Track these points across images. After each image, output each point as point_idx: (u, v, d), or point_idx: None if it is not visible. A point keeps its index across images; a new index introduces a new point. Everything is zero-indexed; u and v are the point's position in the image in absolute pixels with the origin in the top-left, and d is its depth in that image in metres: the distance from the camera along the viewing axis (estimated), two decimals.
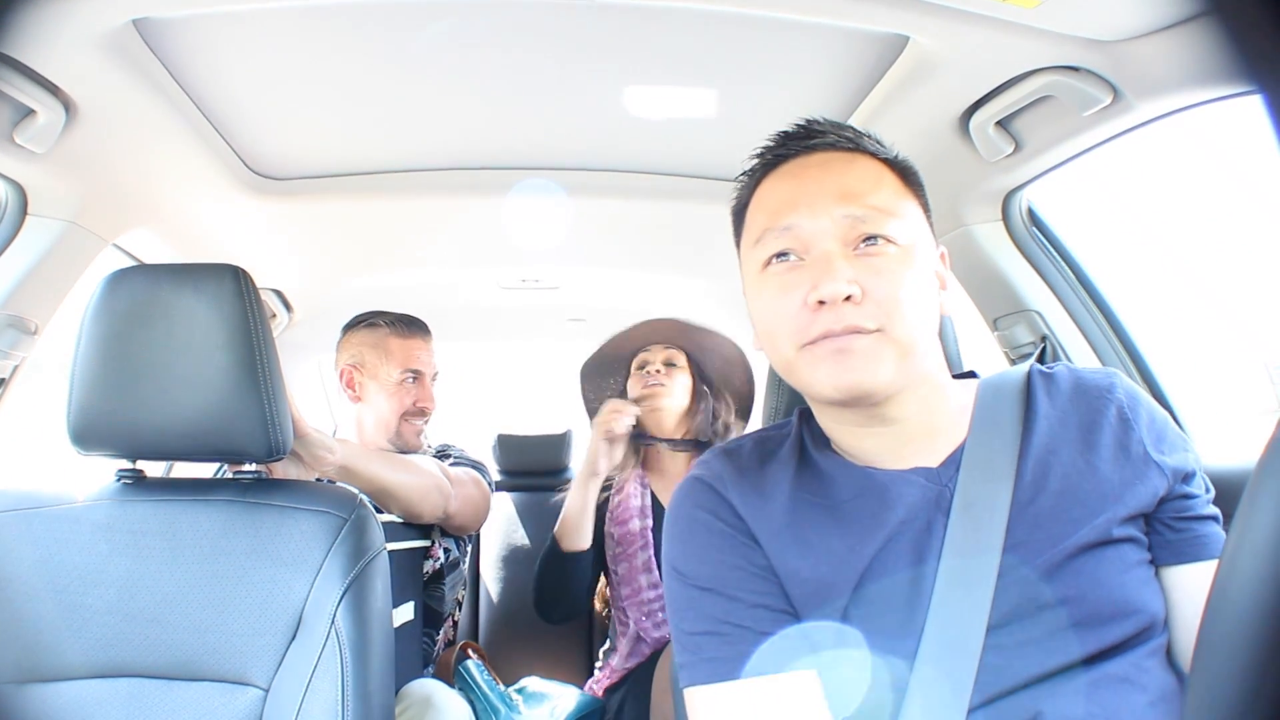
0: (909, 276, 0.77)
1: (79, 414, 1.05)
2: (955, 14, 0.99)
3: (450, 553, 1.74)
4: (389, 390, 1.76)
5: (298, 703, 0.99)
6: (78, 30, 1.00)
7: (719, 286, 2.20)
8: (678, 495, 0.88)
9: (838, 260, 0.75)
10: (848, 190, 0.79)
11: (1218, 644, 0.37)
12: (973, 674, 0.71)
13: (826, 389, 0.76)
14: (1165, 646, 0.74)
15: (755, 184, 0.87)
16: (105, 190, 1.35)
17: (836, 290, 0.74)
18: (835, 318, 0.74)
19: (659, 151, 1.55)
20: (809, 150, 0.84)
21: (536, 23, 1.14)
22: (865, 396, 0.76)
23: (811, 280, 0.76)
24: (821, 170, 0.82)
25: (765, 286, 0.81)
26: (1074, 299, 1.47)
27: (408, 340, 1.80)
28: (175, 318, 1.04)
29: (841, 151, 0.83)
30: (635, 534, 1.81)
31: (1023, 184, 1.39)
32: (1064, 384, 0.84)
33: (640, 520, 1.82)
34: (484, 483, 1.73)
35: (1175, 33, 0.96)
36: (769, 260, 0.80)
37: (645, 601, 1.77)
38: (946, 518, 0.77)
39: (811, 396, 0.82)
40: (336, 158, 1.54)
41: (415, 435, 1.78)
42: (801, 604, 0.79)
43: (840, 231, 0.77)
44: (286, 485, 1.12)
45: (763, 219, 0.82)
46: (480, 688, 1.60)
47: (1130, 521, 0.76)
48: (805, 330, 0.76)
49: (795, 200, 0.80)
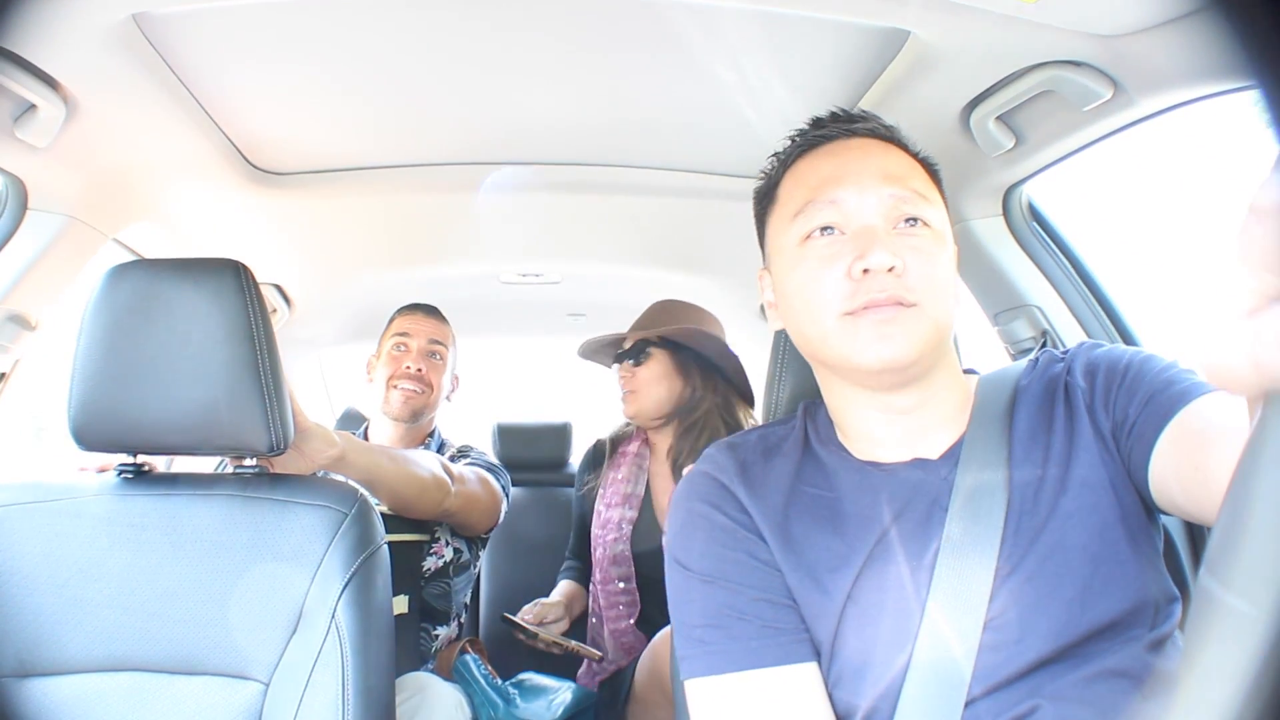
0: (944, 260, 0.79)
1: (80, 409, 1.05)
2: (956, 8, 0.99)
3: (461, 554, 1.74)
4: (384, 361, 1.84)
5: (299, 697, 0.99)
6: (78, 24, 0.99)
7: (718, 281, 2.20)
8: (681, 488, 0.89)
9: (881, 233, 0.77)
10: (890, 172, 0.81)
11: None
12: (971, 665, 0.72)
13: (866, 357, 0.76)
14: (1164, 639, 0.75)
15: (788, 164, 0.88)
16: (106, 185, 1.35)
17: (883, 260, 0.75)
18: (880, 285, 0.75)
19: (658, 146, 1.55)
20: (849, 134, 0.85)
21: (535, 18, 1.13)
22: (902, 368, 0.77)
23: (856, 251, 0.77)
24: (863, 152, 0.83)
25: (805, 258, 0.81)
26: (1074, 294, 1.47)
27: (406, 315, 1.89)
28: (176, 312, 1.04)
29: (879, 139, 0.85)
30: (613, 523, 1.81)
31: (1023, 179, 1.38)
32: (1040, 371, 0.85)
33: (621, 510, 1.81)
34: (494, 484, 1.71)
35: (1176, 27, 0.96)
36: (810, 234, 0.81)
37: (610, 593, 1.78)
38: (945, 511, 0.78)
39: (847, 367, 0.81)
40: (338, 152, 1.54)
41: (403, 403, 1.78)
42: (802, 596, 0.79)
43: (885, 209, 0.79)
44: (287, 480, 1.12)
45: (803, 193, 0.82)
46: (477, 681, 1.61)
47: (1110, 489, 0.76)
48: (849, 299, 0.77)
49: (840, 176, 0.81)
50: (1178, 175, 1.50)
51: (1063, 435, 0.79)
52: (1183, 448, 0.71)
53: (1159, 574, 0.77)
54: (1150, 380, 0.76)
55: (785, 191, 0.86)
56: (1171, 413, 0.73)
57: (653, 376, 1.83)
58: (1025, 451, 0.79)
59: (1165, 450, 0.72)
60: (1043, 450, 0.79)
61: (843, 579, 0.78)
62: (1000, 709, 0.71)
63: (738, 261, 2.07)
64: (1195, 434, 0.70)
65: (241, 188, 1.53)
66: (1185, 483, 0.70)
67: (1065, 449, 0.78)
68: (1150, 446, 0.73)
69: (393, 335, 1.86)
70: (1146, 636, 0.73)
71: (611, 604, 1.77)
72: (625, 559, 1.77)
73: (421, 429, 1.87)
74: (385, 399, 1.81)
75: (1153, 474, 0.73)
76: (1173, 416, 0.72)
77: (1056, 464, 0.78)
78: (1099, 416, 0.78)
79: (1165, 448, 0.72)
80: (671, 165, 1.62)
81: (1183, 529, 1.29)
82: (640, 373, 1.83)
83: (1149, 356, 0.80)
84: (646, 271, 2.19)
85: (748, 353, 2.56)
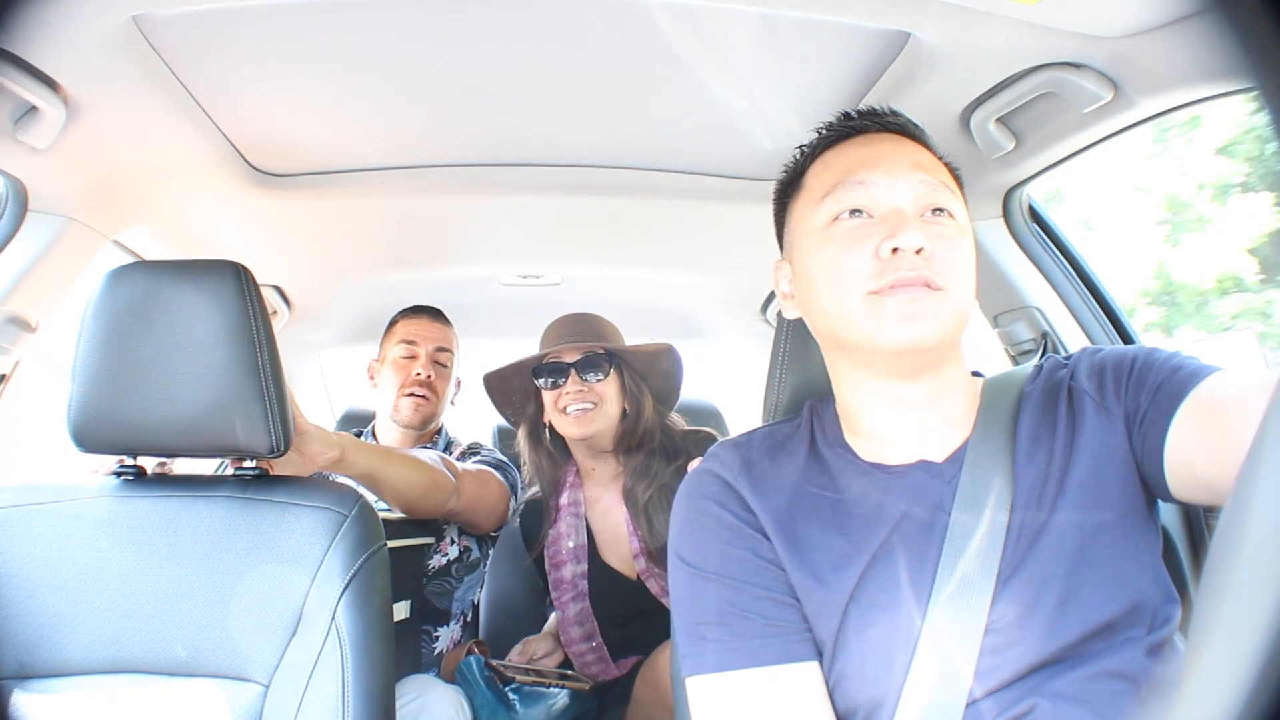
0: (968, 250, 0.81)
1: (80, 411, 1.05)
2: (956, 10, 0.99)
3: (470, 552, 1.74)
4: (391, 368, 1.83)
5: (298, 699, 0.99)
6: (79, 26, 1.00)
7: (718, 283, 2.20)
8: (686, 485, 0.89)
9: (911, 217, 0.78)
10: (920, 163, 0.82)
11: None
12: (972, 666, 0.72)
13: (889, 337, 0.77)
14: (1163, 642, 0.75)
15: (816, 154, 0.89)
16: (106, 186, 1.36)
17: (913, 240, 0.76)
18: (909, 264, 0.76)
19: (658, 148, 1.55)
20: (880, 129, 0.87)
21: (535, 21, 1.13)
22: (924, 351, 0.78)
23: (885, 232, 0.77)
24: (894, 145, 0.85)
25: (831, 239, 0.81)
26: (1074, 295, 1.47)
27: (409, 319, 1.89)
28: (176, 314, 1.04)
29: (908, 138, 0.87)
30: (566, 581, 1.73)
31: (1023, 180, 1.39)
32: (1044, 377, 0.86)
33: (572, 566, 1.73)
34: (501, 481, 1.70)
35: (1176, 29, 0.96)
36: (838, 215, 0.81)
37: (578, 654, 1.74)
38: (949, 514, 0.78)
39: (868, 348, 0.80)
40: (337, 154, 1.54)
41: (414, 410, 1.78)
42: (806, 596, 0.79)
43: (914, 195, 0.80)
44: (287, 481, 1.12)
45: (833, 176, 0.83)
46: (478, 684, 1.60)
47: (1120, 494, 0.76)
48: (876, 277, 0.77)
49: (872, 161, 0.82)
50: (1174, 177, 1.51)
51: (1064, 439, 0.79)
52: (1204, 418, 0.71)
53: (1158, 576, 0.77)
54: (1158, 369, 0.77)
55: (813, 177, 0.87)
56: (1184, 393, 0.74)
57: (611, 392, 1.72)
58: (1028, 456, 0.79)
59: (1184, 426, 0.73)
60: (1045, 454, 0.79)
61: (846, 578, 0.78)
62: (1000, 709, 0.71)
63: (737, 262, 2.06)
64: (1214, 403, 0.71)
65: (242, 189, 1.53)
66: (1210, 448, 0.70)
67: (1066, 452, 0.79)
68: (1165, 429, 0.74)
69: (398, 341, 1.85)
70: (1145, 638, 0.73)
71: (580, 658, 1.75)
72: (587, 615, 1.73)
73: (429, 430, 1.87)
74: (395, 407, 1.80)
75: (1169, 454, 0.74)
76: (1185, 395, 0.73)
77: (1057, 467, 0.78)
78: (1112, 413, 0.79)
79: (1184, 424, 0.73)
80: (671, 167, 1.63)
81: (1183, 531, 1.29)
82: (599, 387, 1.70)
83: (1152, 350, 0.81)
84: (647, 272, 2.19)
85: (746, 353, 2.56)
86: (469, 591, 1.77)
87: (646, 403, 1.74)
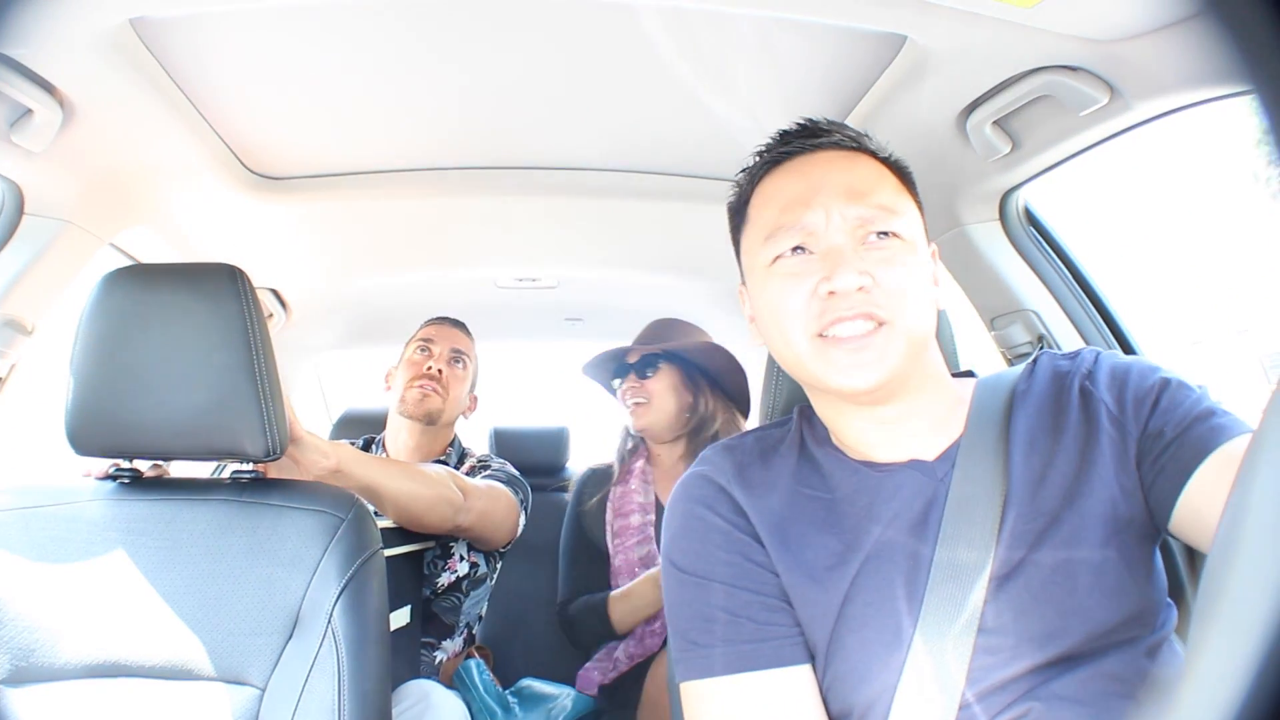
0: (915, 267, 0.79)
1: (76, 414, 1.05)
2: (953, 13, 0.99)
3: (478, 567, 1.73)
4: (405, 365, 1.86)
5: (294, 702, 0.98)
6: (75, 29, 0.99)
7: (715, 286, 2.20)
8: (678, 490, 0.89)
9: (848, 252, 0.77)
10: (854, 189, 0.80)
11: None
12: (965, 668, 0.72)
13: (840, 383, 0.77)
14: (1159, 645, 0.75)
15: (756, 180, 0.88)
16: (102, 189, 1.35)
17: (849, 282, 0.76)
18: (848, 305, 0.76)
19: (655, 151, 1.55)
20: (814, 149, 0.85)
21: (531, 23, 1.13)
22: (878, 389, 0.77)
23: (823, 271, 0.77)
24: (827, 168, 0.83)
25: (774, 277, 0.81)
26: (1070, 298, 1.47)
27: (432, 324, 1.93)
28: (172, 317, 1.04)
29: (845, 150, 0.85)
30: (634, 528, 1.82)
31: (1020, 183, 1.39)
32: (1042, 374, 0.85)
33: (640, 515, 1.83)
34: (512, 498, 1.68)
35: (1172, 32, 0.96)
36: (779, 255, 0.81)
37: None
38: (941, 512, 0.77)
39: (821, 389, 0.82)
40: (334, 157, 1.54)
41: (419, 399, 1.79)
42: (799, 597, 0.79)
43: (850, 228, 0.79)
44: (283, 485, 1.12)
45: (772, 215, 0.83)
46: (477, 688, 1.60)
47: (1119, 500, 0.75)
48: (819, 317, 0.77)
49: (806, 197, 0.81)
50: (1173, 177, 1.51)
51: (1075, 442, 0.78)
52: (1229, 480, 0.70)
53: (1156, 582, 0.77)
54: (1187, 408, 0.76)
55: (755, 211, 0.87)
56: (1212, 446, 0.72)
57: (662, 388, 1.86)
58: (1024, 455, 0.79)
59: (1206, 478, 0.71)
60: (1046, 454, 0.78)
61: (840, 578, 0.78)
62: (993, 710, 0.71)
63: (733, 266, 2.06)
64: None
65: (238, 192, 1.53)
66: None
67: (1077, 456, 0.77)
68: (1186, 477, 0.72)
69: (417, 341, 1.89)
70: (1142, 643, 0.73)
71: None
72: (652, 558, 1.78)
73: (440, 438, 1.85)
74: (402, 399, 1.81)
75: (1184, 501, 0.72)
76: (1214, 449, 0.72)
77: (1063, 470, 0.77)
78: (1127, 430, 0.77)
79: (1206, 476, 0.71)
80: (667, 170, 1.63)
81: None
82: (648, 384, 1.86)
83: (1181, 381, 0.79)
84: (643, 276, 2.19)
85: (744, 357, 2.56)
86: (476, 605, 1.77)
87: (704, 398, 1.87)
